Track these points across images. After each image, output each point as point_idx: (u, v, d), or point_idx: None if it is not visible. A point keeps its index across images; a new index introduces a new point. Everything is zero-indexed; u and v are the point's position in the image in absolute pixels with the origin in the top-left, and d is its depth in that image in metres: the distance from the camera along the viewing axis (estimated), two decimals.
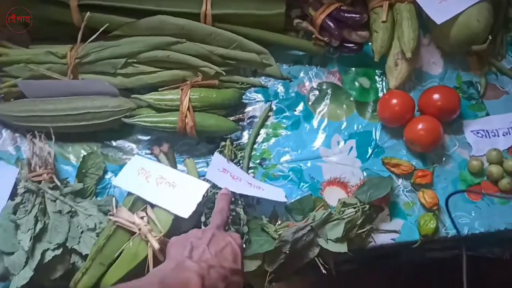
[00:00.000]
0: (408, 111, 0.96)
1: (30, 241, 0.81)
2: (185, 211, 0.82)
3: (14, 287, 0.79)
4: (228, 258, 0.63)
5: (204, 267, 0.58)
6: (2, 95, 1.00)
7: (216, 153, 0.93)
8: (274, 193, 0.91)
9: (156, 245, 0.79)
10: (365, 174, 0.96)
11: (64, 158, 0.99)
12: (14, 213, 0.84)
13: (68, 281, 0.83)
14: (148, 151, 0.98)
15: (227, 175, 0.90)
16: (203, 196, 0.84)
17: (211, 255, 0.62)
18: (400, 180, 0.96)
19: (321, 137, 0.99)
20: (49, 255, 0.83)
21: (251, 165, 0.96)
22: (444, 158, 0.97)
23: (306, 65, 1.06)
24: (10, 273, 0.81)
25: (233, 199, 0.87)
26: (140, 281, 0.52)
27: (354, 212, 0.87)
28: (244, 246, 0.72)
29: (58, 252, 0.83)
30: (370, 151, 0.98)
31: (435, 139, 0.94)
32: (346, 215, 0.87)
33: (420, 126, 0.93)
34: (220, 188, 0.88)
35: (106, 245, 0.82)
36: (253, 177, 0.95)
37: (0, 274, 0.82)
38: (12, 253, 0.82)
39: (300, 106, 1.02)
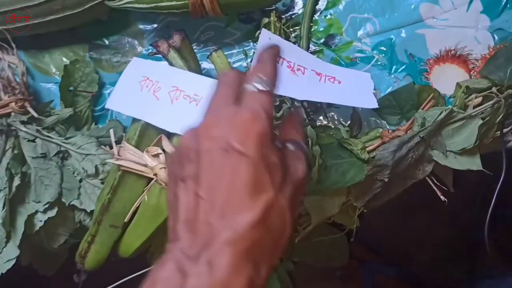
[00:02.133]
0: None
1: (3, 208, 0.57)
2: None
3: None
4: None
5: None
6: None
7: (263, 32, 0.60)
8: (359, 84, 0.60)
9: None
10: (496, 38, 0.62)
11: (42, 71, 0.70)
12: None
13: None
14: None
15: (283, 68, 0.59)
16: None
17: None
18: None
19: None
20: (39, 221, 0.60)
21: (312, 48, 0.64)
22: None
23: None
24: None
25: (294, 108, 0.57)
26: None
27: (490, 105, 0.55)
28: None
29: (52, 213, 0.61)
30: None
31: None
32: (477, 110, 0.55)
33: None
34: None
35: (113, 200, 0.57)
36: None
37: None
38: None
39: None
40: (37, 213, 0.60)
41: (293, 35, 0.62)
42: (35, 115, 0.63)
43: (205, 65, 0.65)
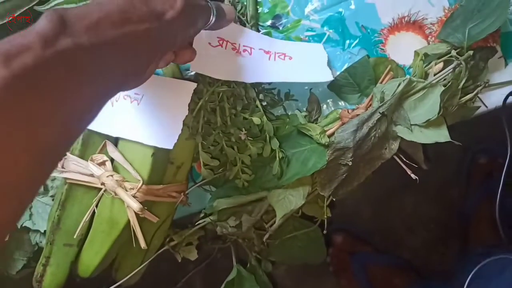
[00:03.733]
0: None
1: None
2: (167, 138, 0.51)
3: None
4: None
5: None
6: None
7: None
8: (312, 57, 0.58)
9: (134, 204, 0.50)
10: None
11: None
12: None
13: None
14: None
15: (228, 51, 0.56)
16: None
17: None
18: None
19: None
20: None
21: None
22: None
23: None
24: None
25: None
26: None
27: (451, 70, 0.52)
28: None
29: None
30: None
31: None
32: (438, 77, 0.52)
33: None
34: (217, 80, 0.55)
35: (63, 216, 0.54)
36: None
37: None
38: None
39: None
40: None
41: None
42: None
43: None
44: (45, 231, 0.58)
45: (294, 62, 0.56)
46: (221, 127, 0.54)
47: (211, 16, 0.46)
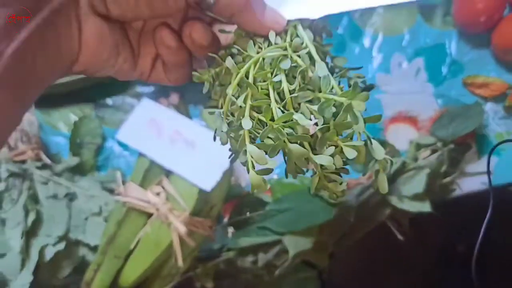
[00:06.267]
0: (498, 7, 0.76)
1: (21, 237, 0.69)
2: (207, 181, 0.68)
3: None
4: None
5: None
6: None
7: None
8: None
9: (181, 228, 0.66)
10: (440, 102, 0.79)
11: (52, 126, 0.85)
12: None
13: (81, 275, 0.72)
14: None
15: None
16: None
17: None
18: (489, 105, 0.79)
19: (376, 60, 0.82)
20: (50, 252, 0.72)
21: None
22: None
23: None
24: (7, 279, 0.71)
25: None
26: None
27: (436, 157, 0.71)
28: None
29: (61, 246, 0.72)
30: (444, 70, 0.80)
31: None
32: (425, 162, 0.71)
33: None
34: None
35: (118, 233, 0.70)
36: None
37: None
38: (4, 255, 0.71)
39: (343, 22, 0.84)
40: (47, 246, 0.72)
41: None
42: (48, 162, 0.77)
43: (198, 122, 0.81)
44: (95, 246, 0.73)
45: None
46: None
47: None
